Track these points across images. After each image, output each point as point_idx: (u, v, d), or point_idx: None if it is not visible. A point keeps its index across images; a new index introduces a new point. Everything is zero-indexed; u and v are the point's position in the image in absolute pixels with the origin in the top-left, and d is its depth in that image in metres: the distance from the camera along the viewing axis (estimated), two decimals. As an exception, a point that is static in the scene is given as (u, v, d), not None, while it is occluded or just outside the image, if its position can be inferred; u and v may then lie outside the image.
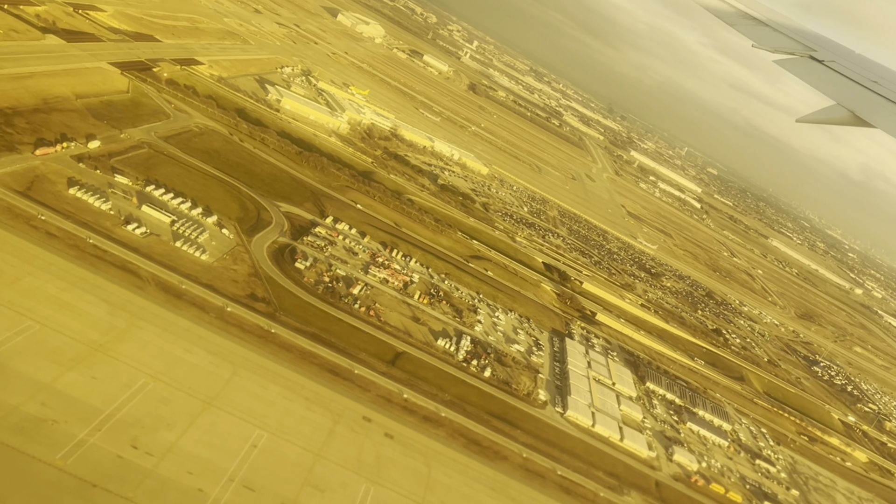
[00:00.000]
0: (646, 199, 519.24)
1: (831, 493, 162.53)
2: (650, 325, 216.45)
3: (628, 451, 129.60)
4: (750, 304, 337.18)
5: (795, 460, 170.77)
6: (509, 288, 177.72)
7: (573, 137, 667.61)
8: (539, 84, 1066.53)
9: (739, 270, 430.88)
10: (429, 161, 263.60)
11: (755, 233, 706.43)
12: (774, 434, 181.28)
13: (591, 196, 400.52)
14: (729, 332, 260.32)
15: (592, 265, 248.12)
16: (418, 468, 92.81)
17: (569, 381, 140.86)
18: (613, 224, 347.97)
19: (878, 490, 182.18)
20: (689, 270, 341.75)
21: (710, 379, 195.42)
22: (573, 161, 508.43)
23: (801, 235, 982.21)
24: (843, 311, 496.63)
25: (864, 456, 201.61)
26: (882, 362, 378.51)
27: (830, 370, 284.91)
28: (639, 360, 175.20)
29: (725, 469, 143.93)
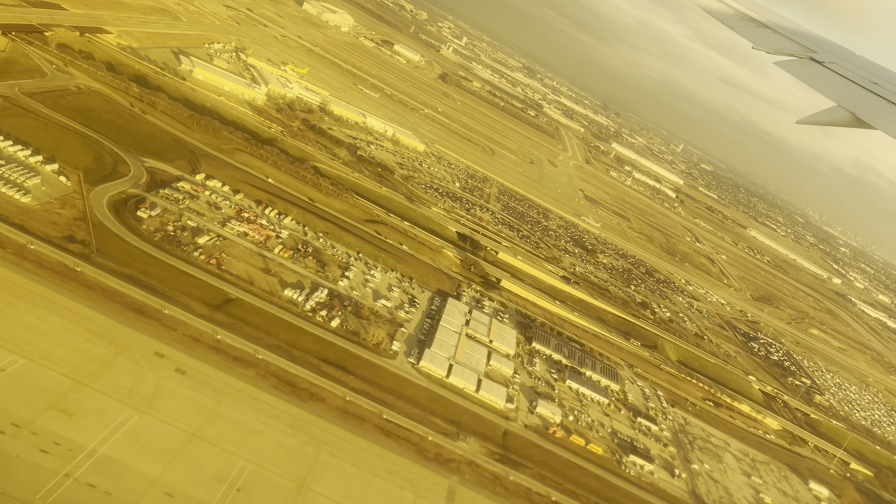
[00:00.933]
0: (612, 186, 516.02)
1: (720, 454, 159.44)
2: (565, 294, 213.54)
3: (483, 402, 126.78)
4: (698, 284, 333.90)
5: (688, 421, 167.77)
6: (401, 251, 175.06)
7: (548, 128, 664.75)
8: (528, 80, 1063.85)
9: (700, 255, 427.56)
10: (356, 135, 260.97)
11: (733, 223, 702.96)
12: (674, 398, 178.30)
13: (546, 179, 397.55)
14: (660, 306, 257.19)
15: (519, 239, 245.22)
16: (204, 402, 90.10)
17: (435, 335, 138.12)
18: (561, 204, 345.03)
19: (779, 454, 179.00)
20: (638, 251, 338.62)
21: (614, 344, 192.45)
22: (538, 148, 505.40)
23: (792, 230, 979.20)
24: (811, 298, 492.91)
25: (775, 423, 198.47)
26: (839, 344, 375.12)
27: (770, 347, 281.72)
28: (532, 323, 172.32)
29: (597, 424, 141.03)
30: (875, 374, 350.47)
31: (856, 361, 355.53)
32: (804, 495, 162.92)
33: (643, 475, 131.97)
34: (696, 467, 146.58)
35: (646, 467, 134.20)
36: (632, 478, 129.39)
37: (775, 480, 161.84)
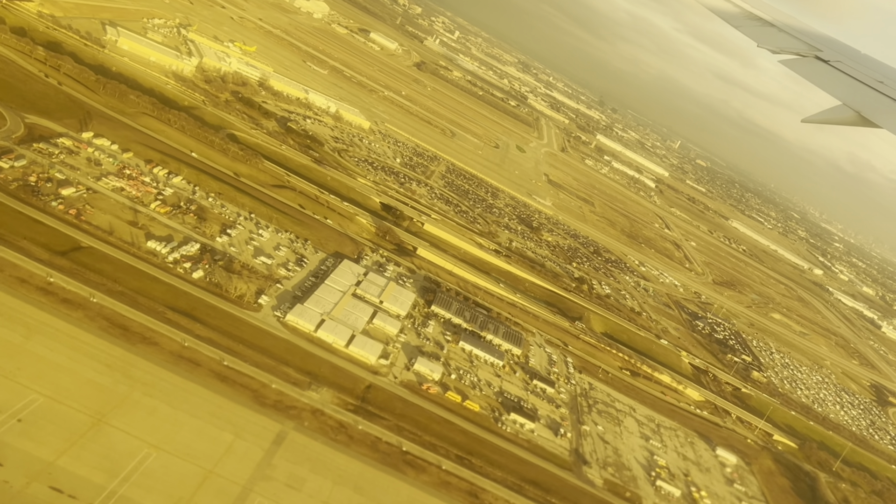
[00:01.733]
0: (584, 174, 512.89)
1: (621, 418, 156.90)
2: (491, 266, 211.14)
3: (352, 357, 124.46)
4: (653, 266, 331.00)
5: (594, 387, 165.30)
6: (304, 215, 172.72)
7: (528, 117, 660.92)
8: (519, 73, 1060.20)
9: (666, 241, 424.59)
10: (293, 109, 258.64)
11: (715, 213, 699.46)
12: (586, 365, 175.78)
13: (508, 162, 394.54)
14: (601, 283, 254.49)
15: (454, 213, 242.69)
16: (10, 338, 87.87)
17: (314, 292, 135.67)
18: (515, 185, 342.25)
19: (691, 422, 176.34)
20: (594, 232, 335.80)
21: (531, 314, 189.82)
22: (510, 134, 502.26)
23: (784, 224, 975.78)
24: (783, 285, 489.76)
25: (697, 395, 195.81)
26: (801, 329, 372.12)
27: (717, 326, 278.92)
28: (437, 288, 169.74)
29: (483, 384, 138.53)
30: (835, 357, 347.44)
31: (815, 345, 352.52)
32: (708, 460, 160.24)
33: (521, 433, 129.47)
34: (586, 428, 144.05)
35: (526, 426, 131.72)
36: (507, 434, 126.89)
37: (678, 445, 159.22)
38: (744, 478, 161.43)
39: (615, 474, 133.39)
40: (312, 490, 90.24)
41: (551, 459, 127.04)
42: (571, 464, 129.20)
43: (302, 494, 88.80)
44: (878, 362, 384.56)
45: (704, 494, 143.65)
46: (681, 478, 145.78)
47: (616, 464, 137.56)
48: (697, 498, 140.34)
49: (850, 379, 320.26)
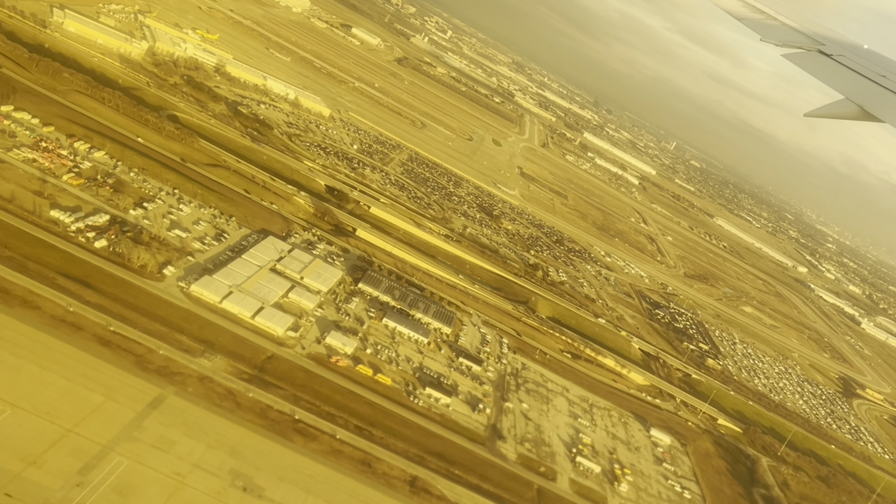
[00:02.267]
0: (563, 169, 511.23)
1: (551, 397, 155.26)
2: (438, 249, 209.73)
3: (257, 329, 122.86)
4: (620, 258, 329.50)
5: (527, 367, 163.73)
6: (233, 192, 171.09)
7: (511, 114, 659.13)
8: (511, 73, 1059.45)
9: (640, 234, 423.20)
10: (248, 95, 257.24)
11: (700, 211, 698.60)
12: (523, 346, 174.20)
13: (479, 154, 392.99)
14: (558, 271, 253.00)
15: (407, 199, 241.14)
16: None
17: (226, 266, 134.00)
18: (482, 175, 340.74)
19: (630, 404, 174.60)
20: (561, 223, 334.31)
21: (471, 295, 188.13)
22: (488, 129, 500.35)
23: (775, 224, 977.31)
24: (761, 281, 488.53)
25: (641, 378, 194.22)
26: (772, 322, 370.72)
27: (678, 315, 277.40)
28: (369, 267, 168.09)
29: (402, 359, 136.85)
30: (805, 350, 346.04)
31: (786, 338, 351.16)
32: (640, 440, 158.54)
33: (435, 407, 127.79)
34: (510, 405, 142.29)
35: (442, 400, 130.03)
36: (419, 408, 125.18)
37: (609, 425, 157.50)
38: (676, 458, 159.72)
39: (532, 449, 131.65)
40: (182, 452, 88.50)
41: (463, 433, 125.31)
42: (485, 438, 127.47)
43: (169, 456, 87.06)
44: (851, 357, 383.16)
45: (628, 471, 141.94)
46: (605, 455, 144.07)
47: (535, 440, 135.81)
48: (619, 474, 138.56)
49: (818, 371, 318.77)
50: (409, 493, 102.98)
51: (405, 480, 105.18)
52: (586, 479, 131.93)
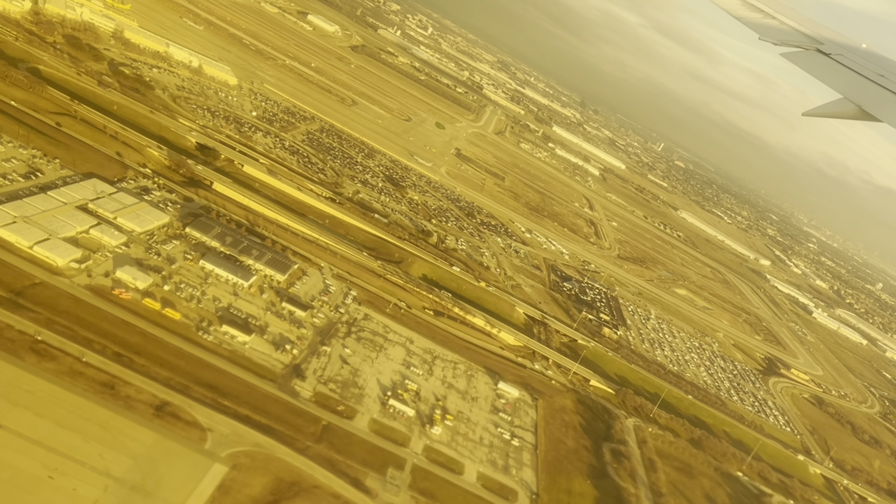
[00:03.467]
0: (512, 155, 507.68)
1: (388, 347, 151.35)
2: (311, 208, 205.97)
3: (34, 258, 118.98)
4: (543, 235, 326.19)
5: (370, 317, 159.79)
6: (71, 138, 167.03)
7: (472, 104, 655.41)
8: (490, 69, 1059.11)
9: (580, 217, 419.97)
10: (143, 59, 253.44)
11: (663, 203, 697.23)
12: (375, 300, 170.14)
13: (411, 133, 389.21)
14: (458, 240, 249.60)
15: (297, 163, 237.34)
16: None
17: (23, 199, 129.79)
18: (404, 151, 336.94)
19: (487, 360, 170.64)
20: (484, 200, 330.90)
21: (330, 250, 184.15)
22: (437, 113, 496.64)
23: (754, 223, 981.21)
24: (709, 268, 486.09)
25: (513, 339, 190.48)
26: (704, 304, 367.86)
27: (590, 290, 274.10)
28: (205, 215, 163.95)
29: (209, 299, 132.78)
30: (734, 332, 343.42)
31: (716, 319, 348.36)
32: (482, 391, 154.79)
33: (227, 343, 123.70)
34: (327, 349, 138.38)
35: (239, 338, 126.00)
36: (205, 342, 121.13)
37: (449, 376, 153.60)
38: (520, 410, 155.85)
39: (335, 390, 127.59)
40: None
41: (253, 370, 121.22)
42: (279, 376, 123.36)
43: None
44: (787, 340, 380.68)
45: (451, 417, 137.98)
46: (430, 401, 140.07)
47: (345, 382, 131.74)
48: (437, 419, 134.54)
49: (741, 350, 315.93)
50: (151, 417, 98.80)
51: (152, 405, 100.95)
52: (393, 420, 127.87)
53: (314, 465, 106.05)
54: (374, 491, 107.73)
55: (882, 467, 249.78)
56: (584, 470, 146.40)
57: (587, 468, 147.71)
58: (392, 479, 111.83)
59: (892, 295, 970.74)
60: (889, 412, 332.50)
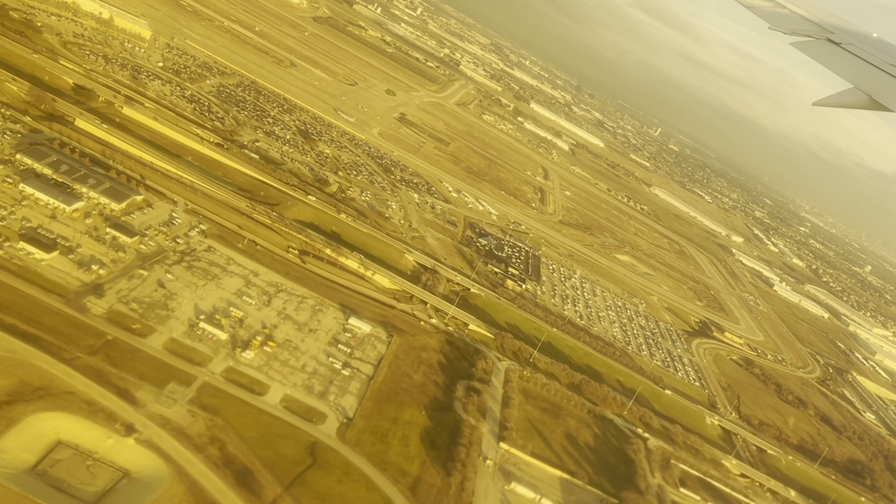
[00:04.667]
0: (469, 124, 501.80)
1: (224, 277, 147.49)
2: (190, 150, 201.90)
3: None
4: (473, 196, 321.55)
5: (214, 250, 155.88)
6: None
7: (441, 77, 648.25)
8: (478, 50, 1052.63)
9: (526, 184, 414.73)
10: (43, 7, 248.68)
11: (635, 179, 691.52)
12: (227, 235, 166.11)
13: (351, 96, 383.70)
14: (364, 192, 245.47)
15: (192, 111, 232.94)
16: None
17: None
18: (331, 110, 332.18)
19: (348, 299, 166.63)
20: (414, 160, 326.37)
21: (190, 187, 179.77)
22: (392, 82, 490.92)
23: (742, 205, 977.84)
24: (667, 240, 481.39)
25: (388, 282, 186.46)
26: (647, 270, 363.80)
27: (507, 247, 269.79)
28: (46, 145, 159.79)
29: (17, 219, 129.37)
30: (673, 297, 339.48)
31: (655, 285, 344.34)
32: (327, 325, 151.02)
33: (18, 258, 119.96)
34: (143, 272, 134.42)
35: (36, 255, 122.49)
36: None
37: (290, 308, 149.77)
38: (369, 345, 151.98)
39: (136, 310, 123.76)
40: None
41: (42, 285, 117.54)
42: (72, 293, 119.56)
43: None
44: (734, 308, 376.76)
45: (273, 344, 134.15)
46: (255, 329, 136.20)
47: (154, 304, 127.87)
48: (255, 344, 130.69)
49: (674, 313, 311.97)
50: None
51: None
52: (198, 342, 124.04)
53: (76, 374, 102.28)
54: (142, 402, 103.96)
55: (798, 425, 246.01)
56: (425, 402, 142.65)
57: (429, 401, 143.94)
58: (171, 393, 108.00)
59: (880, 278, 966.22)
60: (829, 378, 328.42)
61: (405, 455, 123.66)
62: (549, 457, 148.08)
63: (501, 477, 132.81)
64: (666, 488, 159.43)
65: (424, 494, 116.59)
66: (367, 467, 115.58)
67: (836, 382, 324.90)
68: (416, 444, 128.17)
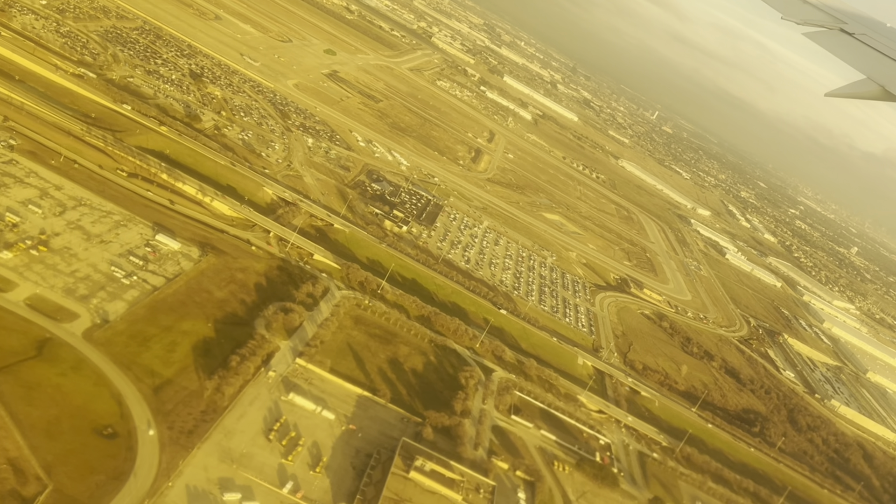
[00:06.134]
0: (417, 87, 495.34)
1: (11, 185, 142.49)
2: (44, 79, 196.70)
3: None
4: (382, 145, 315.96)
5: (17, 163, 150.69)
6: None
7: (401, 45, 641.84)
8: (468, 28, 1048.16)
9: (462, 143, 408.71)
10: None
11: (601, 151, 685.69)
12: (42, 151, 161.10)
13: (275, 51, 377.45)
14: (245, 131, 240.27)
15: (63, 46, 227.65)
16: None
17: None
18: (241, 59, 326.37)
19: (168, 219, 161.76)
20: (326, 111, 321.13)
21: (26, 110, 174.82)
22: (339, 44, 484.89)
23: (728, 186, 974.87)
24: (615, 206, 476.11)
25: (227, 209, 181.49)
26: (576, 230, 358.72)
27: (404, 193, 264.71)
28: None
29: None
30: (598, 255, 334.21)
31: (580, 243, 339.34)
32: (126, 239, 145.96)
33: None
34: None
35: None
36: None
37: (86, 221, 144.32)
38: (171, 260, 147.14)
39: None
40: None
41: None
42: None
43: None
44: (668, 270, 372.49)
45: (44, 249, 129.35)
46: (30, 234, 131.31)
47: None
48: (20, 246, 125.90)
49: (591, 269, 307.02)
50: None
51: None
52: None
53: None
54: None
55: (694, 374, 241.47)
56: (219, 317, 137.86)
57: (224, 316, 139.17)
58: None
59: (867, 259, 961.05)
60: (754, 338, 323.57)
61: (164, 360, 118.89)
62: (358, 377, 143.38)
63: (283, 389, 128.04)
64: (492, 413, 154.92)
65: (170, 395, 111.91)
66: (106, 366, 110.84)
67: (761, 343, 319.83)
68: (185, 351, 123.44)
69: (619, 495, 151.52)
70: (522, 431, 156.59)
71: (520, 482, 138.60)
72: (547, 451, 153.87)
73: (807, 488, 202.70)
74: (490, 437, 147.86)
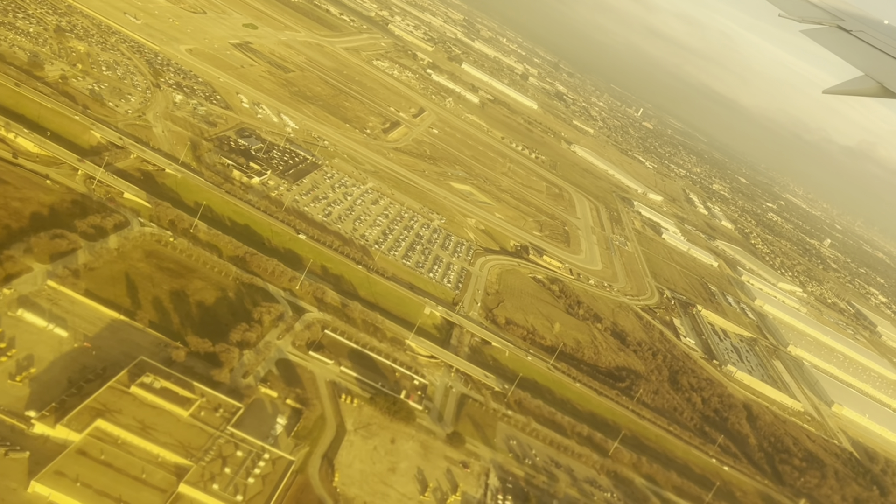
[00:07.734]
0: (345, 64, 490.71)
1: None
2: None
3: None
4: (271, 108, 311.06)
5: None
6: None
7: (345, 28, 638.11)
8: (442, 22, 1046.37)
9: (378, 116, 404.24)
10: None
11: (553, 136, 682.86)
12: None
13: (179, 18, 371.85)
14: (100, 83, 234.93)
15: None
16: None
17: None
18: (120, 20, 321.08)
19: None
20: (218, 74, 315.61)
21: None
22: (267, 21, 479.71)
23: (702, 179, 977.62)
24: (546, 184, 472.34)
25: (33, 146, 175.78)
26: (486, 200, 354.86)
27: (275, 150, 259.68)
28: None
29: None
30: (504, 224, 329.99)
31: (486, 212, 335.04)
32: None
33: None
34: None
35: None
36: None
37: None
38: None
39: None
40: None
41: None
42: None
43: None
44: (584, 242, 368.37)
45: None
46: None
47: None
48: None
49: (488, 236, 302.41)
50: None
51: None
52: None
53: None
54: None
55: (568, 332, 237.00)
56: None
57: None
58: None
59: (840, 252, 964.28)
60: (662, 307, 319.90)
61: None
62: (122, 303, 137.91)
63: (17, 306, 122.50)
64: (285, 348, 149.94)
65: None
66: None
67: (668, 312, 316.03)
68: None
69: (413, 430, 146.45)
70: (318, 367, 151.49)
71: (287, 409, 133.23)
72: (340, 385, 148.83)
73: (659, 438, 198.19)
74: (271, 369, 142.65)
